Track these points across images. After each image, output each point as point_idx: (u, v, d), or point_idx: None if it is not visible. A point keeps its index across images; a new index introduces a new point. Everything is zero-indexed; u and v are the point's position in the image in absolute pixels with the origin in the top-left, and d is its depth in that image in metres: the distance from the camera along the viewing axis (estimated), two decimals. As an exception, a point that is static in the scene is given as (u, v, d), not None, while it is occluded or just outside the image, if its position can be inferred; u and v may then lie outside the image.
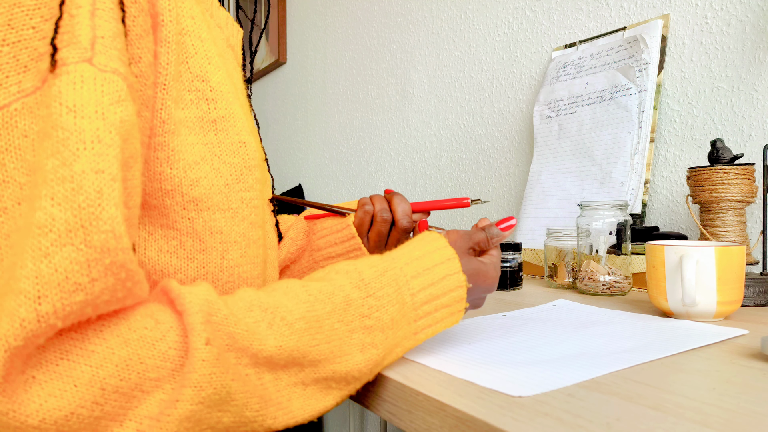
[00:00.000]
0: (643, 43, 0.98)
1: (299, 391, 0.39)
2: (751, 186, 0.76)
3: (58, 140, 0.32)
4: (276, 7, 2.21)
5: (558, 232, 0.87)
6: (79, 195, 0.31)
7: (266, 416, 0.37)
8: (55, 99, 0.33)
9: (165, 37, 0.42)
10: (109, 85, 0.34)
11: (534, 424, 0.33)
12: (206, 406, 0.34)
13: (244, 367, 0.36)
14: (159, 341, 0.34)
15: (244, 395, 0.36)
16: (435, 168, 1.50)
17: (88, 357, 0.31)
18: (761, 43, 0.85)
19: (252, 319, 0.38)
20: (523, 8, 1.24)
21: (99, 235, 0.31)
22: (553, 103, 1.13)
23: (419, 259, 0.47)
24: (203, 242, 0.45)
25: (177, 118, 0.43)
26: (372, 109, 1.74)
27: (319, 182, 2.03)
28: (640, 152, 0.95)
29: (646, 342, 0.50)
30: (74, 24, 0.34)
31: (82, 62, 0.34)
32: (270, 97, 2.37)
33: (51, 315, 0.29)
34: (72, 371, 0.31)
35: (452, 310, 0.47)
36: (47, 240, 0.30)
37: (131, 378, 0.32)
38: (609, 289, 0.78)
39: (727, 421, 0.33)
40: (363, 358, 0.41)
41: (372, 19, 1.73)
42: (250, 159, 0.48)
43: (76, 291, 0.30)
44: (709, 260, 0.58)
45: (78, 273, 0.30)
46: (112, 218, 0.32)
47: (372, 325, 0.42)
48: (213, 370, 0.33)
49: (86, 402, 0.31)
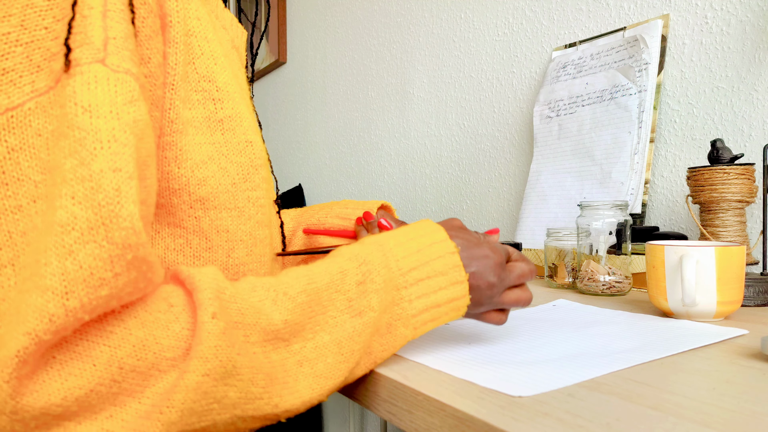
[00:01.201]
0: (643, 43, 0.98)
1: (307, 371, 0.39)
2: (751, 186, 0.76)
3: (75, 140, 0.33)
4: (276, 7, 2.21)
5: (558, 232, 0.87)
6: (99, 193, 0.32)
7: (272, 394, 0.37)
8: (70, 99, 0.33)
9: (173, 37, 0.42)
10: (123, 85, 0.35)
11: (534, 424, 0.33)
12: (212, 379, 0.34)
13: (252, 345, 0.37)
14: (173, 322, 0.35)
15: (250, 370, 0.36)
16: (435, 168, 1.50)
17: (107, 338, 0.33)
18: (761, 43, 0.85)
19: (257, 297, 0.39)
20: (523, 8, 1.24)
21: (120, 232, 0.32)
22: (553, 103, 1.13)
23: (404, 235, 0.48)
24: (209, 240, 0.45)
25: (185, 118, 0.43)
26: (372, 109, 1.74)
27: (319, 182, 2.03)
28: (640, 152, 0.95)
29: (646, 342, 0.50)
30: (87, 25, 0.35)
31: (95, 63, 0.34)
32: (270, 97, 2.37)
33: (78, 310, 0.31)
34: (91, 351, 0.32)
35: (450, 279, 0.46)
36: (70, 238, 0.31)
37: (148, 358, 0.33)
38: (609, 289, 0.78)
39: (727, 421, 0.33)
40: (361, 322, 0.42)
41: (372, 19, 1.73)
42: (256, 158, 0.48)
43: (102, 286, 0.32)
44: (709, 260, 0.58)
45: (102, 269, 0.32)
46: (131, 215, 0.33)
47: (367, 288, 0.43)
48: (218, 343, 0.34)
49: (105, 380, 0.32)
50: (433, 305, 0.46)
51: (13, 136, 0.33)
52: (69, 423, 0.31)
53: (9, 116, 0.33)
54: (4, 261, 0.32)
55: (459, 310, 0.47)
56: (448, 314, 0.47)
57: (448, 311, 0.47)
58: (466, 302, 0.47)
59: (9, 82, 0.34)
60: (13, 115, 0.33)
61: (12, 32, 0.34)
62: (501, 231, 1.30)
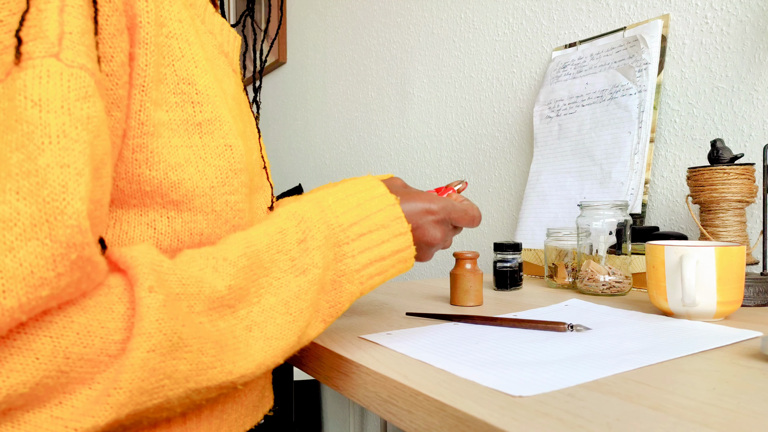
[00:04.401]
0: (643, 43, 0.98)
1: (257, 334, 0.39)
2: (751, 186, 0.76)
3: (23, 134, 0.31)
4: (276, 7, 2.21)
5: (558, 232, 0.87)
6: (44, 189, 0.31)
7: (224, 361, 0.37)
8: (20, 92, 0.32)
9: (143, 38, 0.42)
10: (76, 80, 0.34)
11: (534, 424, 0.33)
12: (159, 354, 0.33)
13: (197, 314, 0.37)
14: (116, 303, 0.34)
15: (197, 341, 0.35)
16: (435, 168, 1.50)
17: (47, 328, 0.31)
18: (761, 43, 0.85)
19: (197, 267, 0.38)
20: (523, 8, 1.24)
21: (64, 230, 0.31)
22: (553, 103, 1.13)
23: (343, 191, 0.48)
24: (181, 242, 0.45)
25: (157, 120, 0.43)
26: (372, 109, 1.74)
27: (319, 182, 2.03)
28: (640, 152, 0.95)
29: (656, 344, 0.50)
30: (42, 18, 0.34)
31: (48, 57, 0.33)
32: (270, 97, 2.37)
33: (16, 309, 0.29)
34: (32, 344, 0.31)
35: (393, 231, 0.46)
36: (12, 234, 0.30)
37: (95, 344, 0.32)
38: (609, 289, 0.78)
39: (727, 421, 0.33)
40: (306, 280, 0.42)
41: (372, 19, 1.73)
42: (236, 162, 0.48)
43: (42, 285, 0.30)
44: (709, 260, 0.58)
45: (43, 268, 0.30)
46: (77, 213, 0.32)
47: (309, 246, 0.43)
48: (159, 316, 0.34)
49: (51, 372, 0.31)
50: (377, 258, 0.46)
51: None
52: (16, 412, 0.31)
53: None
54: None
55: (406, 262, 0.47)
56: (395, 266, 0.47)
57: (394, 263, 0.47)
58: (411, 253, 0.47)
59: None
60: None
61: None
62: (501, 231, 1.30)
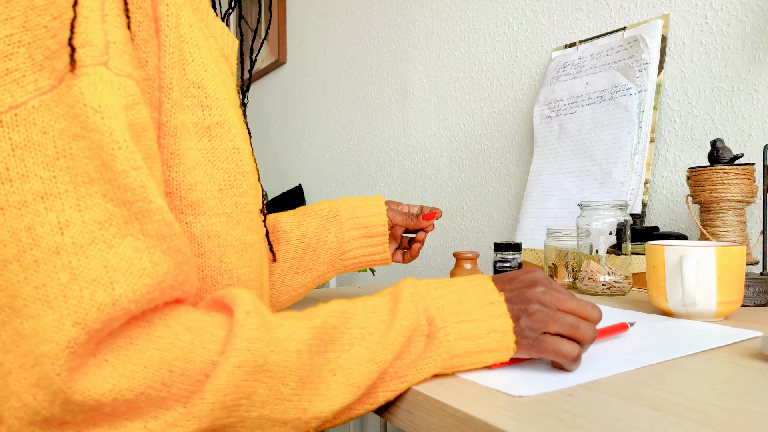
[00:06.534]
0: (643, 43, 0.98)
1: (340, 379, 0.39)
2: (751, 186, 0.76)
3: (93, 141, 0.34)
4: (276, 7, 2.21)
5: (558, 232, 0.87)
6: (126, 192, 0.34)
7: (301, 397, 0.37)
8: (79, 100, 0.34)
9: (164, 41, 0.43)
10: (125, 89, 0.36)
11: (534, 424, 0.33)
12: (244, 371, 0.34)
13: (296, 342, 0.37)
14: (217, 330, 0.36)
15: (281, 370, 0.36)
16: (435, 168, 1.50)
17: (156, 342, 0.34)
18: (761, 43, 0.85)
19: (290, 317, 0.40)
20: (523, 8, 1.24)
21: (152, 225, 0.35)
22: (553, 103, 1.13)
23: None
24: (201, 246, 0.46)
25: (179, 122, 0.44)
26: (372, 109, 1.74)
27: (319, 182, 2.03)
28: (640, 152, 0.95)
29: (656, 344, 0.50)
30: (88, 26, 0.35)
31: (99, 65, 0.35)
32: (270, 97, 2.37)
33: (124, 298, 0.32)
34: (142, 354, 0.33)
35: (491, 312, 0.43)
36: (109, 233, 0.33)
37: (196, 362, 0.34)
38: (609, 289, 0.78)
39: (727, 421, 0.33)
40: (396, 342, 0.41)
41: (372, 19, 1.73)
42: (243, 165, 0.49)
43: (142, 275, 0.34)
44: (709, 260, 0.58)
45: (141, 259, 0.34)
46: (160, 208, 0.35)
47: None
48: (252, 336, 0.35)
49: (155, 383, 0.33)
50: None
51: (17, 133, 0.34)
52: (116, 418, 0.33)
53: (13, 114, 0.34)
54: (9, 257, 0.32)
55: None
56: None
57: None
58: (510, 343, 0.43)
59: (12, 82, 0.34)
60: (17, 113, 0.34)
61: (14, 34, 0.35)
62: (501, 231, 1.30)
